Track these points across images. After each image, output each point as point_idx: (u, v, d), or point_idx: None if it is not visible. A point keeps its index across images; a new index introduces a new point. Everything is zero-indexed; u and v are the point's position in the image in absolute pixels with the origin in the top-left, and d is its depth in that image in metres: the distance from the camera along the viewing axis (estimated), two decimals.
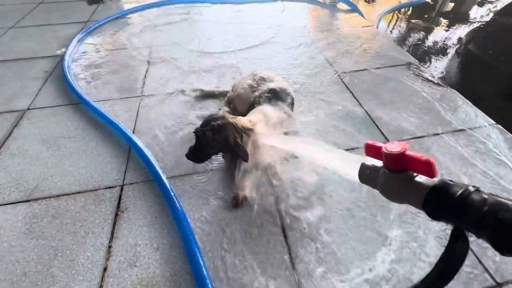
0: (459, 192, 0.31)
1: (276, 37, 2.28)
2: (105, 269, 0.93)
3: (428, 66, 1.97)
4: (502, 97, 1.71)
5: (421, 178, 0.37)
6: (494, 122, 1.43)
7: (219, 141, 1.00)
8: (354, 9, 2.74)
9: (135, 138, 1.33)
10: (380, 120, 1.46)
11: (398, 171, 0.38)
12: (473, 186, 0.32)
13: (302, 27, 2.43)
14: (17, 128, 1.47)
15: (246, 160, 1.02)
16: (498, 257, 0.92)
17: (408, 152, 0.38)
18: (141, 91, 1.71)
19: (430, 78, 1.78)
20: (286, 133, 1.28)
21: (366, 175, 0.42)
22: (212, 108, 1.57)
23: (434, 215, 0.35)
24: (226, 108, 1.44)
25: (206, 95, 1.65)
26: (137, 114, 1.54)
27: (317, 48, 2.11)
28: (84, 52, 2.12)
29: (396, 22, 2.77)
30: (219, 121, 1.02)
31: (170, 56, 2.06)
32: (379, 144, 0.40)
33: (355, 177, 0.45)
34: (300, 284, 0.88)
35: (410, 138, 1.35)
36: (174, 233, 1.01)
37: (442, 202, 0.33)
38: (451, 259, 0.31)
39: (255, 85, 1.37)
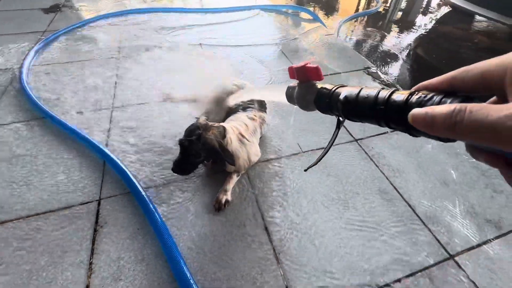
0: (331, 88, 0.43)
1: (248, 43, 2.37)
2: (87, 287, 0.90)
3: (383, 70, 2.20)
4: None
5: (318, 85, 0.46)
6: None
7: (206, 148, 1.01)
8: (315, 18, 2.94)
9: (107, 151, 1.30)
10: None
11: (305, 81, 0.47)
12: (341, 85, 0.42)
13: (269, 36, 2.55)
14: None
15: (233, 163, 1.06)
16: (449, 232, 1.07)
17: (309, 65, 0.46)
18: (111, 103, 1.67)
19: (385, 80, 1.99)
20: (261, 137, 1.35)
21: (289, 93, 0.52)
22: (185, 119, 1.58)
23: (321, 109, 0.46)
24: (204, 117, 1.47)
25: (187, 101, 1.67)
26: (109, 126, 1.50)
27: (282, 54, 2.24)
28: (43, 64, 2.00)
29: (354, 31, 3.02)
30: (203, 129, 1.05)
31: (139, 65, 2.03)
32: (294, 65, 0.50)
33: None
34: (286, 277, 0.93)
35: (371, 136, 1.50)
36: (158, 242, 1.01)
37: (323, 97, 0.44)
38: (335, 137, 0.47)
39: (230, 93, 1.42)
